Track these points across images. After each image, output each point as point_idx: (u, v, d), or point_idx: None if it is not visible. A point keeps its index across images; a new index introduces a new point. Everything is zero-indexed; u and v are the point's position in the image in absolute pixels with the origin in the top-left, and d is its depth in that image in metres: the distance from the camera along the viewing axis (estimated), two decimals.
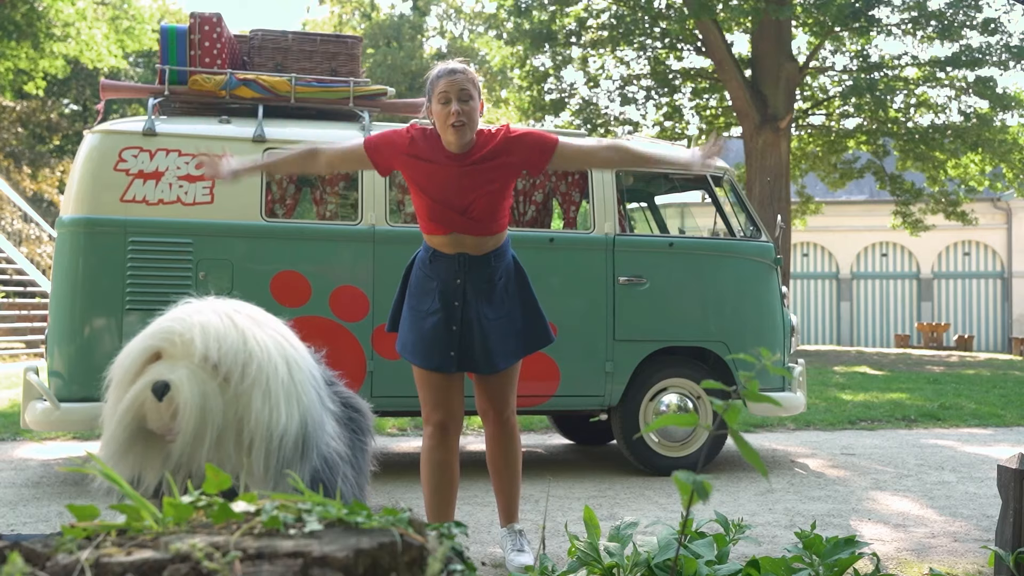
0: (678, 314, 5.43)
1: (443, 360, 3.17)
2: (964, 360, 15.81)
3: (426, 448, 3.26)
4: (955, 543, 3.83)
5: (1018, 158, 16.68)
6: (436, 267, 3.19)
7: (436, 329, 3.15)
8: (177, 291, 4.77)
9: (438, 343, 3.16)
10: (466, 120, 3.04)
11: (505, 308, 3.22)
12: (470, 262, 3.17)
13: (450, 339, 3.16)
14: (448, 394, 3.23)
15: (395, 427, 7.04)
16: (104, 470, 1.09)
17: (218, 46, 5.24)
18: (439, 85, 3.07)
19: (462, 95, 3.04)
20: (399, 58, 26.88)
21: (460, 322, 3.17)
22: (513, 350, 3.24)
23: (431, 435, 3.24)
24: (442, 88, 3.06)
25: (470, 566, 1.00)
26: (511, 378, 3.30)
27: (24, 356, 14.24)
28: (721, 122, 18.26)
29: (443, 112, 3.05)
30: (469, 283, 3.17)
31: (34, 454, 5.96)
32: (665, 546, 2.40)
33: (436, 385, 3.21)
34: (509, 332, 3.22)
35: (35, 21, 20.86)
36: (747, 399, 1.38)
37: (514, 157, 3.16)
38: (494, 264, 3.21)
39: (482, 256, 3.18)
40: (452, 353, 3.16)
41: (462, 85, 3.05)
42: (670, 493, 4.81)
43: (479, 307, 3.17)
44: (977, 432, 7.51)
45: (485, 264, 3.19)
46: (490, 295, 3.20)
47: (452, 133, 3.05)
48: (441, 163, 3.12)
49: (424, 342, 3.17)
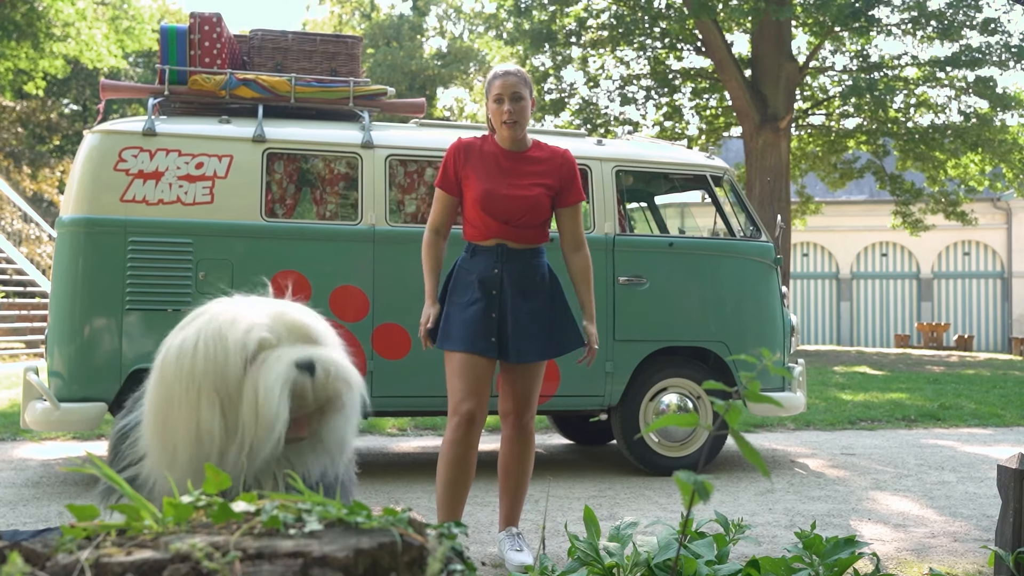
0: (678, 314, 5.43)
1: (486, 344, 3.28)
2: (964, 360, 15.81)
3: (448, 441, 3.30)
4: (955, 543, 3.83)
5: (1018, 158, 16.68)
6: (476, 260, 3.37)
7: (477, 316, 3.30)
8: (177, 291, 4.82)
9: (480, 328, 3.29)
10: (517, 118, 3.35)
11: (539, 304, 3.37)
12: (508, 253, 3.35)
13: (490, 325, 3.30)
14: (482, 384, 3.31)
15: (395, 427, 7.04)
16: (104, 470, 1.09)
17: (218, 46, 5.24)
18: (494, 86, 3.36)
19: (514, 96, 3.34)
20: (399, 58, 26.87)
21: (498, 309, 3.32)
22: (542, 348, 3.36)
23: (456, 427, 3.29)
24: (497, 90, 3.35)
25: (470, 566, 1.00)
26: (536, 378, 3.41)
27: (24, 356, 14.24)
28: (721, 122, 18.26)
29: (497, 111, 3.36)
30: (506, 273, 3.33)
31: (34, 454, 5.96)
32: (665, 546, 2.40)
33: (473, 373, 3.29)
34: (540, 329, 3.36)
35: (35, 21, 20.87)
36: (747, 399, 1.38)
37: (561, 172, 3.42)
38: (530, 259, 3.38)
39: (520, 249, 3.37)
40: (493, 339, 3.30)
41: (515, 87, 3.34)
42: (670, 493, 4.81)
43: (515, 297, 3.33)
44: (977, 432, 7.51)
45: (522, 257, 3.37)
46: (525, 288, 3.35)
47: (506, 129, 3.35)
48: (495, 156, 3.39)
49: (467, 328, 3.29)
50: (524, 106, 3.36)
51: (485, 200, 3.31)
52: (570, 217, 3.48)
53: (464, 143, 3.43)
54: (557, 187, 3.41)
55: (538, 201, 3.35)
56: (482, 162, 3.38)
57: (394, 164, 5.26)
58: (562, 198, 3.44)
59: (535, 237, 3.39)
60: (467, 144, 3.43)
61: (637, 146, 5.98)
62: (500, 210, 3.31)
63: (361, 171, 5.11)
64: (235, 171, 4.94)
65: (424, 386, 4.98)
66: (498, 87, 3.34)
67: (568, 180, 3.43)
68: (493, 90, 3.36)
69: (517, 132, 3.36)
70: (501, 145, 3.42)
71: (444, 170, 3.44)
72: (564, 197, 3.44)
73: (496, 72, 3.40)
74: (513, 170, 3.37)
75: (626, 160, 5.54)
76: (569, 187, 3.44)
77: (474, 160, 3.39)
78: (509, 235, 3.34)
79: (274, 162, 5.11)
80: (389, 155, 5.17)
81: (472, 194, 3.35)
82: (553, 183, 3.40)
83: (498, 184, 3.34)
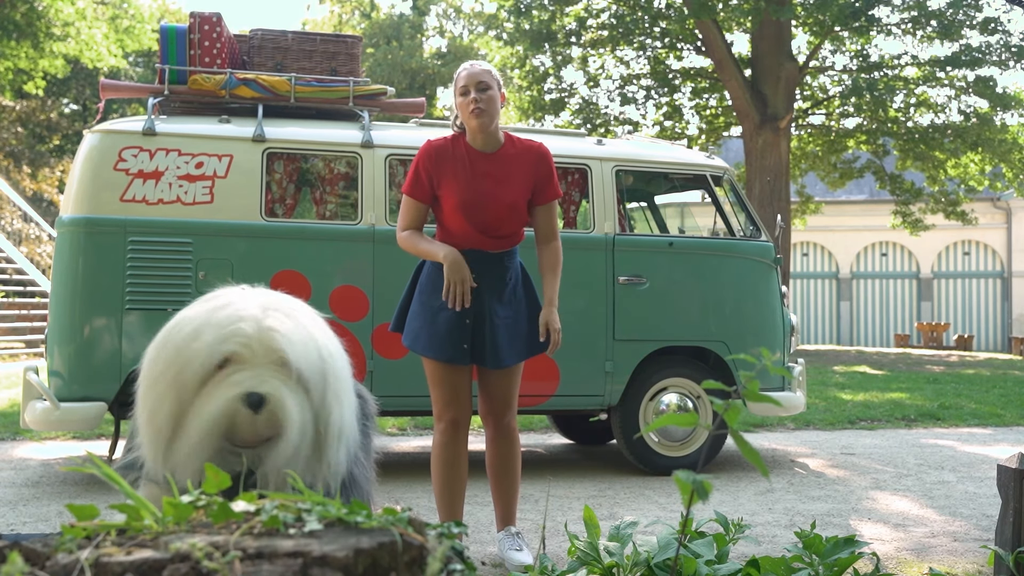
0: (678, 314, 5.43)
1: (456, 352, 3.25)
2: (964, 360, 15.80)
3: (438, 445, 3.32)
4: (955, 543, 3.83)
5: (1018, 158, 16.68)
6: None
7: (450, 323, 3.24)
8: (177, 291, 4.81)
9: (452, 336, 3.24)
10: (484, 107, 3.23)
11: (513, 308, 3.33)
12: (483, 257, 3.27)
13: (463, 332, 3.25)
14: (460, 390, 3.31)
15: (395, 427, 7.04)
16: (104, 470, 1.09)
17: (218, 46, 5.24)
18: (460, 78, 3.29)
19: (480, 85, 3.25)
20: (399, 57, 26.87)
21: (473, 316, 3.26)
22: (519, 350, 3.33)
23: (443, 432, 3.30)
24: (463, 81, 3.28)
25: (470, 566, 1.00)
26: (514, 379, 3.38)
27: (24, 356, 14.24)
28: (721, 122, 18.26)
29: (464, 102, 3.25)
30: (482, 279, 3.26)
31: (34, 454, 5.96)
32: (665, 546, 2.40)
33: (449, 380, 3.28)
34: (516, 333, 3.32)
35: (35, 21, 20.86)
36: (747, 399, 1.38)
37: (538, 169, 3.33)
38: (506, 263, 3.33)
39: (495, 253, 3.30)
40: (465, 346, 3.26)
41: (479, 77, 3.26)
42: (670, 493, 4.81)
43: (491, 303, 3.27)
44: (977, 432, 7.51)
45: (498, 261, 3.30)
46: (501, 292, 3.30)
47: (473, 120, 3.24)
48: (471, 160, 3.29)
49: (438, 336, 3.25)
50: (492, 95, 3.24)
51: (466, 210, 3.23)
52: (545, 212, 3.38)
53: (434, 147, 3.30)
54: (534, 186, 3.33)
55: (517, 208, 3.29)
56: (456, 166, 3.27)
57: (394, 164, 5.26)
58: (539, 196, 3.35)
59: (511, 242, 3.34)
60: (437, 148, 3.30)
61: (637, 146, 5.98)
62: (479, 220, 3.24)
63: (361, 171, 5.11)
64: (235, 171, 4.94)
65: (424, 386, 4.95)
66: (464, 79, 3.26)
67: (545, 177, 3.34)
68: (459, 83, 3.28)
69: (485, 122, 3.23)
70: (472, 145, 3.30)
71: (415, 176, 3.30)
72: (541, 195, 3.35)
73: (462, 67, 3.33)
74: (489, 173, 3.27)
75: (626, 160, 5.54)
76: (546, 184, 3.35)
77: (447, 165, 3.27)
78: (487, 244, 3.28)
79: (274, 162, 5.11)
80: (389, 155, 5.17)
81: (450, 203, 3.26)
82: (529, 182, 3.31)
83: (476, 193, 3.24)
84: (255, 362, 1.67)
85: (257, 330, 1.67)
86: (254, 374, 1.66)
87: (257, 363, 1.67)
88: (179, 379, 1.67)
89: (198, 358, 1.67)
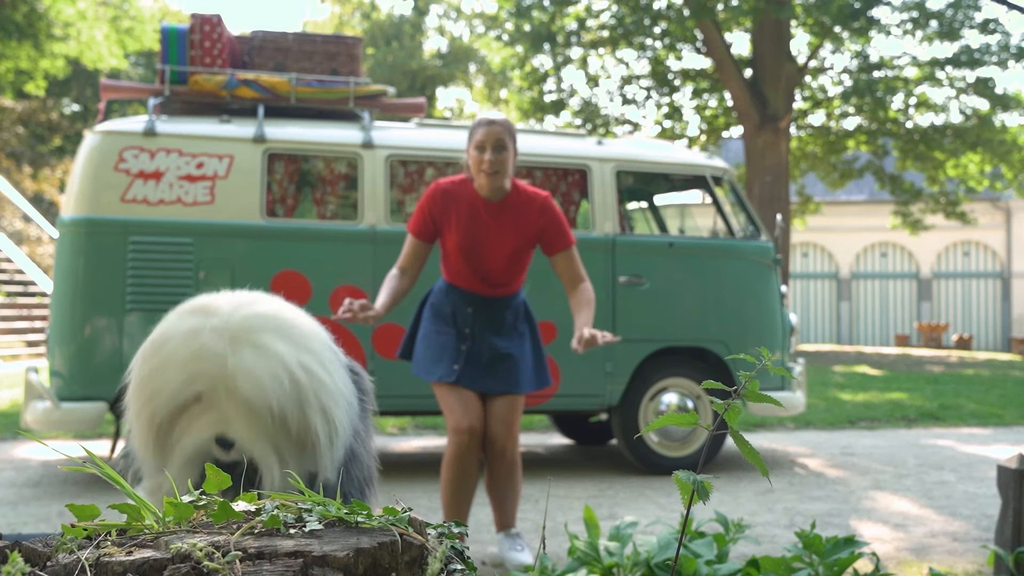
0: (678, 314, 5.43)
1: (446, 371, 3.27)
2: (964, 360, 15.80)
3: (452, 455, 3.29)
4: (955, 543, 3.83)
5: (1018, 158, 16.67)
6: (451, 295, 3.35)
7: (445, 345, 3.30)
8: (178, 291, 4.81)
9: (445, 356, 3.29)
10: (499, 169, 3.24)
11: (515, 342, 3.35)
12: (480, 300, 3.33)
13: (457, 355, 3.29)
14: (469, 400, 3.29)
15: (395, 427, 7.04)
16: (105, 470, 1.09)
17: (218, 46, 5.24)
18: (477, 133, 3.26)
19: (497, 144, 3.24)
20: (399, 58, 26.87)
21: (470, 343, 3.30)
22: (516, 381, 3.32)
23: (459, 443, 3.27)
24: (480, 137, 3.24)
25: (470, 566, 1.00)
26: (514, 408, 3.35)
27: (24, 356, 14.24)
28: (721, 122, 18.25)
29: (478, 158, 3.25)
30: (479, 314, 3.31)
31: (34, 454, 5.96)
32: (665, 546, 2.40)
33: (455, 395, 3.29)
34: (516, 365, 3.32)
35: (35, 21, 20.86)
36: (747, 399, 1.38)
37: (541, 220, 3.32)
38: (505, 301, 3.37)
39: (496, 296, 3.35)
40: (456, 367, 3.27)
41: (498, 136, 3.24)
42: (670, 493, 4.81)
43: (488, 337, 3.31)
44: (977, 432, 7.51)
45: (495, 303, 3.35)
46: (499, 327, 3.33)
47: (484, 178, 3.25)
48: (474, 206, 3.29)
49: (432, 356, 3.31)
50: (506, 157, 3.24)
51: (465, 256, 3.27)
52: (564, 260, 3.35)
53: (442, 188, 3.32)
54: (538, 237, 3.33)
55: (516, 258, 3.31)
56: (462, 210, 3.28)
57: (394, 164, 5.26)
58: (550, 247, 3.35)
59: (508, 290, 3.36)
60: (444, 190, 3.31)
61: (637, 146, 5.99)
62: (477, 267, 3.28)
63: (361, 171, 5.11)
64: (235, 171, 4.94)
65: (424, 386, 4.96)
66: (481, 135, 3.23)
67: (553, 228, 3.33)
68: (476, 137, 3.25)
69: (496, 182, 3.24)
70: (479, 192, 3.31)
71: (420, 217, 3.32)
72: (552, 246, 3.34)
73: (480, 120, 3.29)
74: (492, 223, 3.28)
75: (626, 160, 5.54)
76: (555, 235, 3.33)
77: (453, 207, 3.29)
78: (485, 290, 3.32)
79: (274, 162, 5.11)
80: (389, 155, 5.17)
81: (452, 243, 3.28)
82: (531, 232, 3.31)
83: (476, 240, 3.26)
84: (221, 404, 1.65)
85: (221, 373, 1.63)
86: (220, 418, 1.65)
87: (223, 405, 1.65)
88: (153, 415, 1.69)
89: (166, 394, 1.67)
